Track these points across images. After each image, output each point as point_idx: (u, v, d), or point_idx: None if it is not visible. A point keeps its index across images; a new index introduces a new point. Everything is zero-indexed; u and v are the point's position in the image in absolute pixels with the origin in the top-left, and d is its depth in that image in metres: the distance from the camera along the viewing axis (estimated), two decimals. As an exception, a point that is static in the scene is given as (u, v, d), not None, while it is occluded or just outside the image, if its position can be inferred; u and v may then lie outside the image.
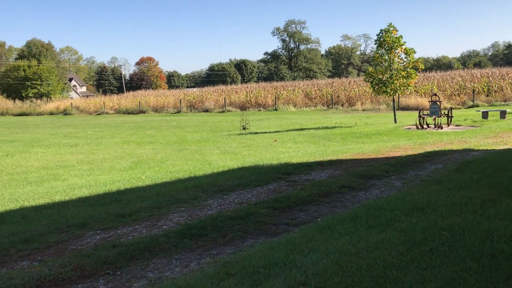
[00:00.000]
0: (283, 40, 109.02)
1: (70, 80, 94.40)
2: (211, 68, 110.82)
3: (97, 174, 11.14)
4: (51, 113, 50.82)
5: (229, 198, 7.12)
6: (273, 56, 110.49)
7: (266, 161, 10.89)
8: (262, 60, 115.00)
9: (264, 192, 7.52)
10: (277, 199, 6.80)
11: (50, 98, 62.99)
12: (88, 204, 7.27)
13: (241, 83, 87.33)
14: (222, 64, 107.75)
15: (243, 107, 43.03)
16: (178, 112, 44.50)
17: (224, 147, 15.26)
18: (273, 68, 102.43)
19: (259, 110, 41.13)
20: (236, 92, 47.98)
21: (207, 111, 43.26)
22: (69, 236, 5.49)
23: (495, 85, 34.30)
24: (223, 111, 41.96)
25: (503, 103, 31.00)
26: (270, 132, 20.18)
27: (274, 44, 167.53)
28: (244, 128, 20.56)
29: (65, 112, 49.79)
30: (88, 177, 10.57)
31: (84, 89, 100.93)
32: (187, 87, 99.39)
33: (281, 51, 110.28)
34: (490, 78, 36.12)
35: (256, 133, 20.14)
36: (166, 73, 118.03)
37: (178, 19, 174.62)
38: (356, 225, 5.13)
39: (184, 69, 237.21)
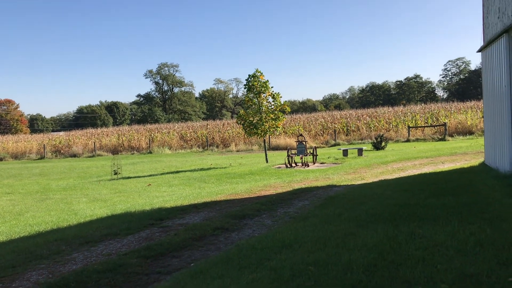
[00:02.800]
0: (157, 83, 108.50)
1: None
2: (80, 111, 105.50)
3: None
4: None
5: (97, 250, 6.69)
6: (147, 98, 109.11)
7: (138, 207, 10.52)
8: (135, 102, 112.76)
9: (136, 241, 7.21)
10: (149, 247, 6.56)
11: None
12: None
13: (112, 125, 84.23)
14: (92, 106, 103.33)
15: (115, 151, 41.44)
16: (42, 158, 41.24)
17: (93, 194, 14.42)
18: (147, 110, 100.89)
19: (133, 154, 39.91)
20: (107, 135, 46.20)
21: (75, 156, 40.77)
22: None
23: (353, 125, 37.84)
24: (93, 156, 39.90)
25: (360, 141, 34.22)
26: (144, 176, 19.62)
27: (147, 86, 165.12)
28: (116, 173, 19.71)
29: None
30: None
31: None
32: (53, 131, 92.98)
33: (154, 94, 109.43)
34: (348, 119, 39.80)
35: (129, 177, 19.43)
36: (28, 117, 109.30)
37: (40, 57, 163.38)
38: (228, 267, 5.14)
39: (49, 111, 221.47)
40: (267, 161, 21.92)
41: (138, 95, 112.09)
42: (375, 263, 4.75)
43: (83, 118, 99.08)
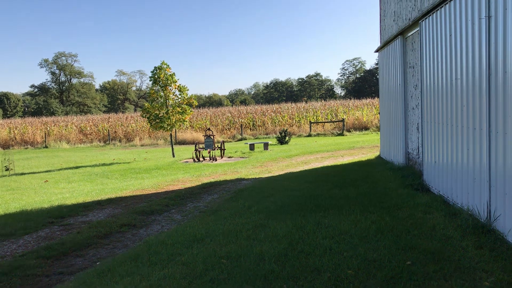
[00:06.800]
0: (53, 73, 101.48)
1: None
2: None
3: None
4: None
5: (-12, 253, 6.10)
6: (42, 89, 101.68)
7: (35, 205, 9.79)
8: (28, 93, 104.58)
9: (34, 241, 6.71)
10: (49, 247, 6.14)
11: None
12: None
13: (3, 118, 77.42)
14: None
15: (6, 146, 38.20)
16: None
17: (-18, 193, 13.12)
18: (42, 102, 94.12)
19: (26, 148, 37.08)
20: (-3, 129, 42.37)
21: (-42, 151, 36.85)
22: None
23: (259, 120, 38.58)
24: (-20, 151, 36.37)
25: (265, 136, 34.99)
26: (40, 172, 18.29)
27: (42, 77, 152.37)
28: (7, 169, 18.14)
29: None
30: None
31: None
32: None
33: (50, 84, 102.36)
34: (254, 114, 40.48)
35: (23, 174, 18.00)
36: None
37: None
38: (137, 264, 4.97)
39: None
40: (173, 156, 21.56)
41: (32, 86, 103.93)
42: (286, 253, 4.87)
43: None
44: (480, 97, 5.66)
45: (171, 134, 22.60)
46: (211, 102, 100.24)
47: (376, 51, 13.71)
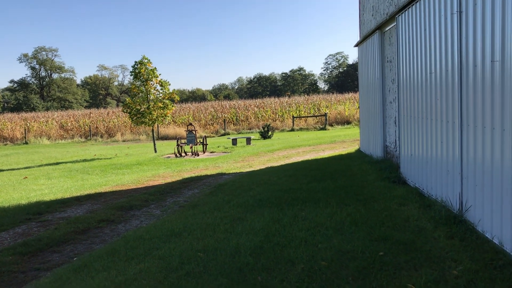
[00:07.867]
0: (33, 68, 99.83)
1: None
2: None
3: None
4: None
5: (-37, 250, 6.03)
6: (21, 85, 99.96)
7: (13, 201, 9.70)
8: (7, 89, 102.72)
9: (10, 237, 6.67)
10: (26, 243, 6.11)
11: None
12: None
13: (-19, 114, 75.93)
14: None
15: (-16, 142, 37.54)
16: None
17: (-42, 190, 12.91)
18: (22, 97, 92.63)
19: (6, 145, 36.53)
20: (-25, 125, 41.62)
21: None
22: None
23: (242, 115, 38.58)
24: (-42, 147, 35.72)
25: (248, 130, 35.03)
26: (19, 169, 18.06)
27: (22, 72, 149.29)
28: (-15, 166, 17.87)
29: None
30: None
31: None
32: None
33: (30, 79, 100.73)
34: (237, 109, 40.45)
35: (2, 170, 17.75)
36: None
37: None
38: (114, 259, 4.98)
39: None
40: (155, 151, 21.46)
41: (12, 81, 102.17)
42: (262, 245, 4.93)
43: None
44: (452, 91, 5.77)
45: (153, 129, 22.47)
46: (195, 97, 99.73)
47: (356, 45, 13.82)
